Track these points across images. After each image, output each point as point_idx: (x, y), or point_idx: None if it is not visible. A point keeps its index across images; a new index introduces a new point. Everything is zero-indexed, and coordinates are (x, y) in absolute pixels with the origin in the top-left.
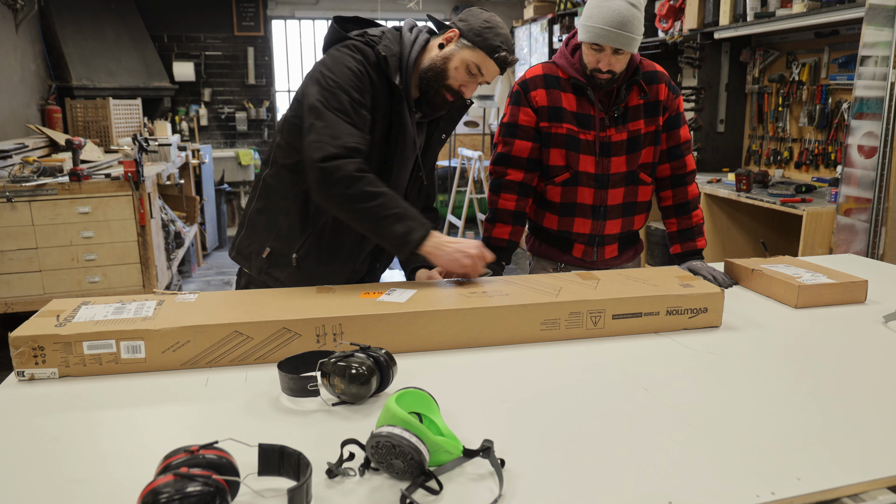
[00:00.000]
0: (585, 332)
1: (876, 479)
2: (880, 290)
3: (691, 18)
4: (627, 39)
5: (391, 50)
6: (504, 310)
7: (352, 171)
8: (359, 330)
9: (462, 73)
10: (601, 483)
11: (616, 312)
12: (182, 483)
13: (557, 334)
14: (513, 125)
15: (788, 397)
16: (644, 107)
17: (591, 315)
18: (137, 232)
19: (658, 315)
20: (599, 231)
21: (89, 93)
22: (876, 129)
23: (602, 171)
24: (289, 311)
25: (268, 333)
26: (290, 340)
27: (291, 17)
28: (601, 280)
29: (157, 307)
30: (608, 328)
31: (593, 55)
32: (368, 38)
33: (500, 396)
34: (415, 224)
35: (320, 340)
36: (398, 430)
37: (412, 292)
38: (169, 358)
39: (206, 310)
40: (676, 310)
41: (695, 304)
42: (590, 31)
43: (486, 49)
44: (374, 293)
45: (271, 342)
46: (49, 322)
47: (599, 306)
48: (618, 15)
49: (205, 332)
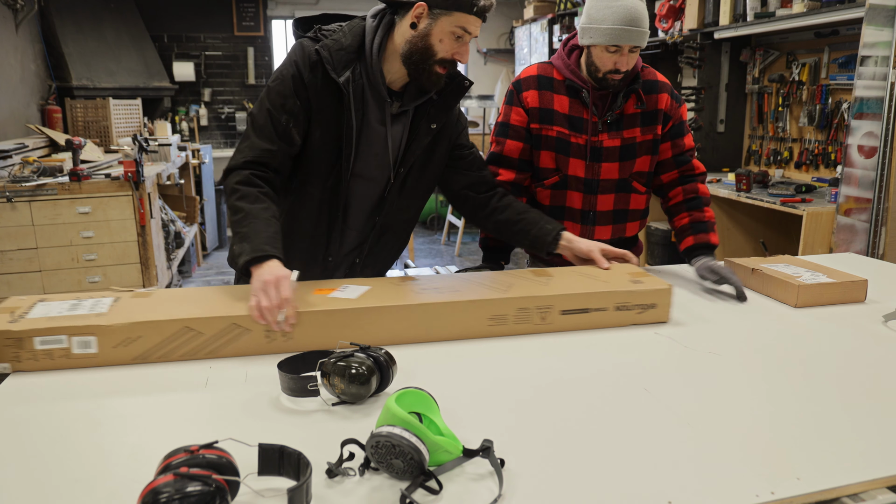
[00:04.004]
0: (533, 328)
1: (875, 479)
2: (880, 289)
3: (691, 18)
4: (642, 35)
5: (340, 44)
6: (452, 305)
7: (231, 184)
8: (308, 325)
9: (448, 42)
10: (601, 483)
11: (564, 308)
12: (182, 483)
13: (505, 329)
14: (505, 125)
15: (788, 397)
16: (641, 115)
17: (538, 310)
18: (137, 232)
19: (607, 311)
20: (589, 236)
21: (89, 93)
22: (876, 129)
23: (592, 176)
24: (240, 307)
25: (218, 329)
26: (239, 336)
27: (291, 17)
28: (553, 277)
29: (113, 304)
30: (556, 324)
31: (610, 57)
32: (320, 33)
33: (500, 396)
34: (249, 247)
35: (270, 336)
36: (398, 430)
37: (365, 289)
38: (120, 353)
39: (159, 306)
40: (625, 305)
41: (643, 300)
42: (606, 33)
43: (462, 7)
44: (327, 289)
45: (221, 337)
46: (2, 318)
47: (547, 302)
48: (632, 12)
49: (155, 328)
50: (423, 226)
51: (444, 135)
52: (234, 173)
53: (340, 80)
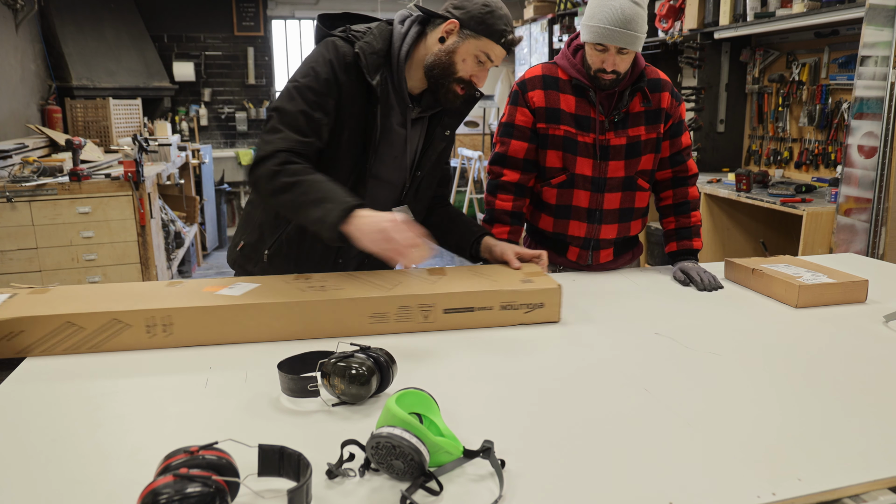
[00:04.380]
0: (417, 326)
1: (877, 480)
2: (881, 289)
3: (691, 18)
4: (632, 38)
5: (373, 47)
6: (332, 303)
7: (272, 167)
8: (187, 321)
9: (471, 64)
10: (602, 484)
11: (447, 307)
12: (182, 484)
13: (387, 327)
14: (510, 125)
15: (789, 397)
16: (646, 114)
17: (420, 309)
18: (137, 232)
19: (492, 310)
20: (595, 235)
21: (89, 93)
22: (876, 129)
23: (599, 175)
24: (122, 302)
25: (99, 324)
26: (121, 331)
27: (291, 17)
28: (446, 275)
29: (7, 299)
30: (439, 322)
31: (597, 55)
32: (351, 33)
33: (501, 396)
34: (333, 205)
35: (150, 331)
36: (398, 431)
37: (253, 286)
38: (3, 347)
39: (48, 302)
40: (511, 305)
41: (530, 300)
42: (593, 31)
43: (492, 35)
44: (216, 286)
45: (102, 332)
46: None
47: (429, 300)
48: (621, 13)
49: (37, 323)
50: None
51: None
52: (268, 160)
53: (374, 83)
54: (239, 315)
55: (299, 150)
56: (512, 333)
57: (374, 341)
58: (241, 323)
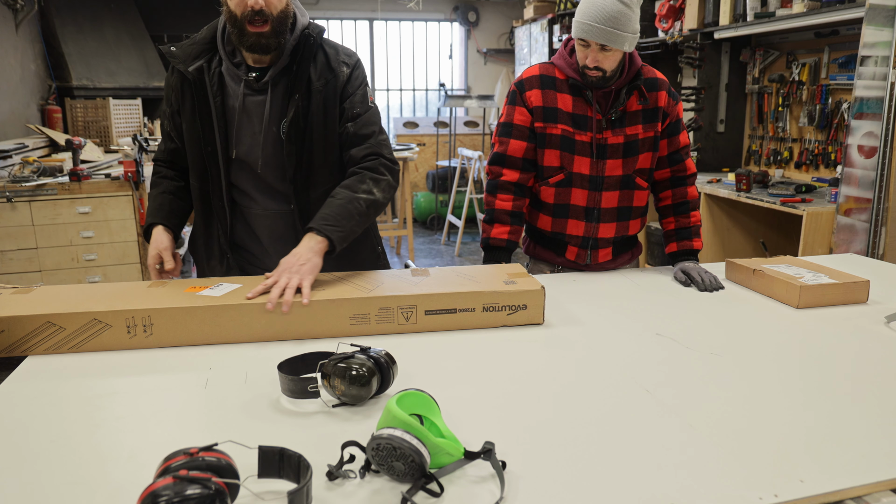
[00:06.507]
0: (398, 328)
1: (879, 482)
2: (882, 290)
3: (691, 18)
4: (613, 36)
5: (193, 39)
6: (313, 304)
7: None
8: (167, 322)
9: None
10: (603, 485)
11: (428, 308)
12: (181, 486)
13: (368, 329)
14: (508, 125)
15: (790, 398)
16: (643, 112)
17: (401, 310)
18: (137, 232)
19: (474, 311)
20: (593, 234)
21: (89, 93)
22: (876, 129)
23: (597, 173)
24: (103, 302)
25: (79, 324)
26: (101, 331)
27: None
28: (430, 277)
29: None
30: (421, 324)
31: (582, 51)
32: None
33: (501, 397)
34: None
35: (131, 332)
36: (399, 433)
37: (235, 287)
38: None
39: (30, 302)
40: (493, 306)
41: (512, 301)
42: (577, 26)
43: None
44: (199, 287)
45: (83, 332)
46: None
47: (411, 302)
48: (604, 11)
49: (18, 322)
50: (423, 226)
51: (328, 102)
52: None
53: (191, 70)
54: (219, 316)
55: (167, 158)
56: (501, 335)
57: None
58: (221, 324)
